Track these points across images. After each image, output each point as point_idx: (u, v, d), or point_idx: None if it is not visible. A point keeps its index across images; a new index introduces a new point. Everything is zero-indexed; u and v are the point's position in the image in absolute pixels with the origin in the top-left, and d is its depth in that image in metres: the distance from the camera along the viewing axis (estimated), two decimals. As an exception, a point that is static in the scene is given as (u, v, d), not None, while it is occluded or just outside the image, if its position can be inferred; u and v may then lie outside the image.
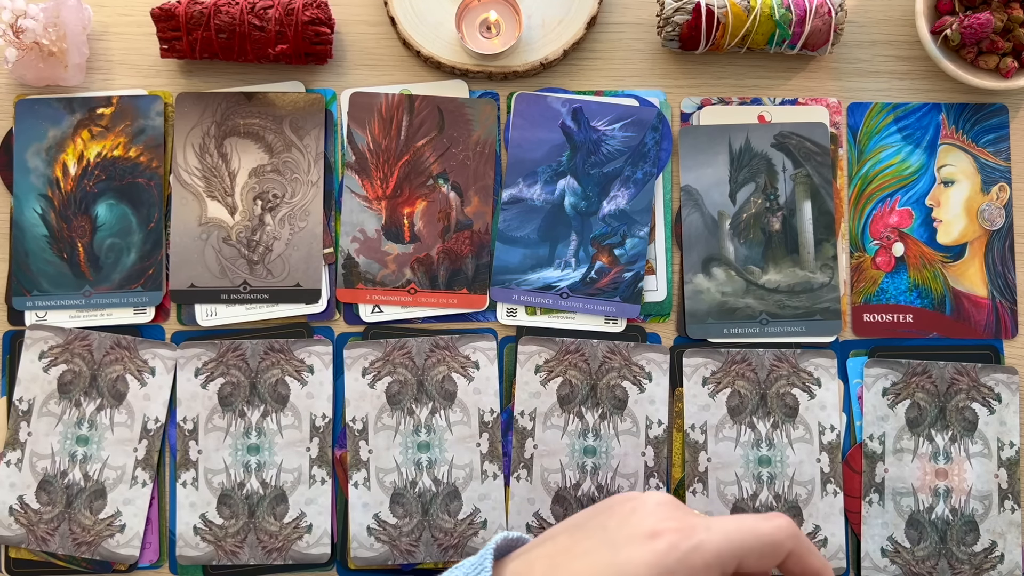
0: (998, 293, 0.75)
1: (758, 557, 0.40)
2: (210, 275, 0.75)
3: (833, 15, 0.73)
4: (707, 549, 0.39)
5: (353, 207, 0.76)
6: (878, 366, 0.73)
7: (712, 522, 0.40)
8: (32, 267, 0.75)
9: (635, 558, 0.39)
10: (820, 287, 0.75)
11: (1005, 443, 0.73)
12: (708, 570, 0.39)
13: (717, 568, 0.39)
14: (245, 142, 0.76)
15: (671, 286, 0.75)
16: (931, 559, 0.72)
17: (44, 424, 0.73)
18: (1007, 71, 0.73)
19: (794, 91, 0.77)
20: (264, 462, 0.73)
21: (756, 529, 0.40)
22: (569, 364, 0.74)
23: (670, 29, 0.73)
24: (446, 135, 0.76)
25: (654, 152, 0.76)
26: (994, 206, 0.76)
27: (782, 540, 0.40)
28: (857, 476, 0.73)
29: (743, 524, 0.40)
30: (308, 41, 0.74)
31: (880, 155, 0.76)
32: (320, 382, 0.74)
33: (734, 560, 0.39)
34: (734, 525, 0.40)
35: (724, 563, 0.39)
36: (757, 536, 0.40)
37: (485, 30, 0.77)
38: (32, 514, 0.72)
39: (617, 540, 0.40)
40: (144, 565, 0.73)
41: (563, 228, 0.75)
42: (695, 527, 0.40)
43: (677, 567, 0.38)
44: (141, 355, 0.74)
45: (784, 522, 0.41)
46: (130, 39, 0.78)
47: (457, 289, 0.75)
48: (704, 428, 0.73)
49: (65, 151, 0.76)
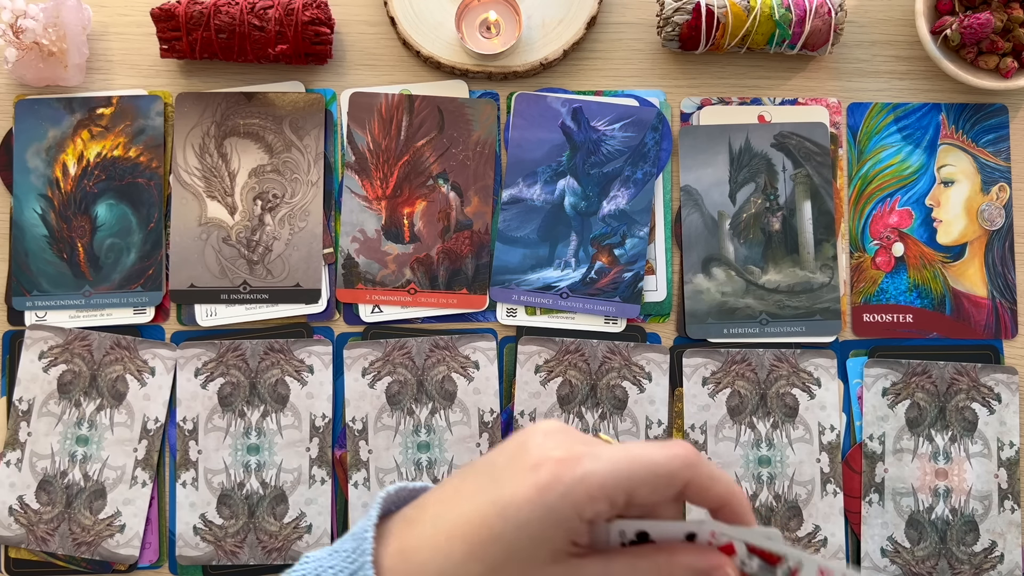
0: (998, 293, 0.75)
1: (651, 488, 0.36)
2: (210, 275, 0.75)
3: (833, 15, 0.73)
4: (592, 480, 0.35)
5: (353, 207, 0.76)
6: (878, 366, 0.73)
7: (602, 450, 0.37)
8: (32, 267, 0.75)
9: (518, 493, 0.36)
10: (820, 287, 0.75)
11: (1005, 443, 0.73)
12: (593, 502, 0.35)
13: (604, 500, 0.36)
14: (245, 142, 0.76)
15: (671, 286, 0.75)
16: (931, 559, 0.72)
17: (44, 424, 0.73)
18: (1007, 71, 0.73)
19: (794, 91, 0.77)
20: (264, 462, 0.73)
21: (647, 458, 0.36)
22: (569, 364, 0.74)
23: (670, 29, 0.73)
24: (446, 135, 0.76)
25: (654, 152, 0.76)
26: (994, 206, 0.76)
27: (676, 470, 0.37)
28: (857, 476, 0.73)
29: (633, 452, 0.37)
30: (308, 41, 0.74)
31: (880, 155, 0.76)
32: (320, 382, 0.74)
33: (622, 492, 0.36)
34: (623, 454, 0.36)
35: (611, 495, 0.36)
36: (648, 466, 0.36)
37: (485, 30, 0.77)
38: (32, 514, 0.72)
39: (502, 476, 0.37)
40: (144, 565, 0.73)
41: (563, 228, 0.75)
42: (581, 456, 0.36)
43: (559, 502, 0.35)
44: (141, 355, 0.74)
45: (680, 450, 0.37)
46: (130, 39, 0.78)
47: (457, 289, 0.75)
48: (704, 428, 0.73)
49: (65, 151, 0.76)
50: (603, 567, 0.37)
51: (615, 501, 0.36)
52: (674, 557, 0.37)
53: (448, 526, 0.37)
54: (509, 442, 0.39)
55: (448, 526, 0.37)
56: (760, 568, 0.37)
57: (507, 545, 0.36)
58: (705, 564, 0.37)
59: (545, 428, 0.39)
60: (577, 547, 0.37)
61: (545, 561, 0.36)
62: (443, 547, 0.37)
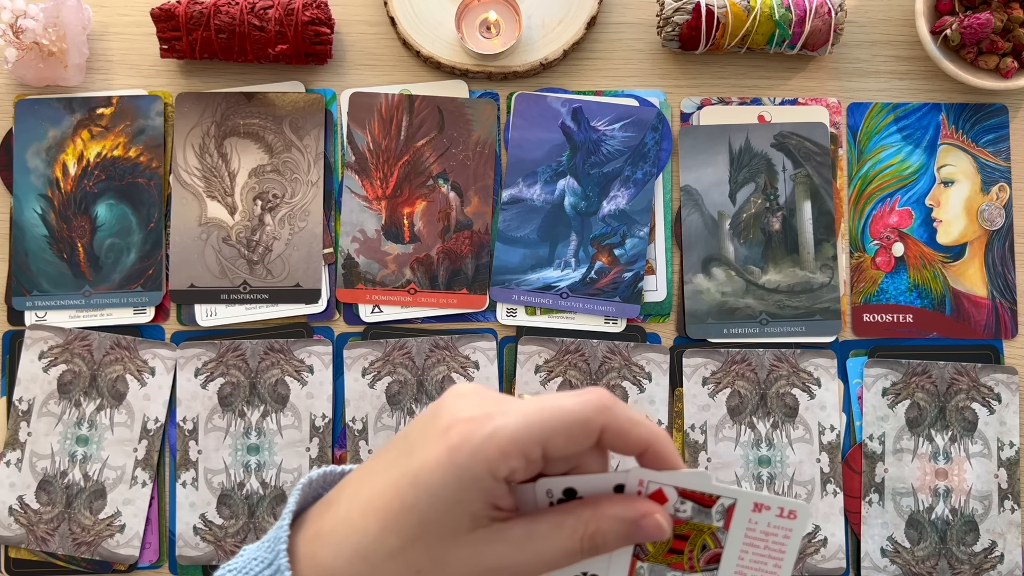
0: (998, 293, 0.75)
1: (565, 438, 0.35)
2: (210, 275, 0.75)
3: (833, 15, 0.73)
4: (502, 435, 0.34)
5: (353, 207, 0.76)
6: (878, 366, 0.73)
7: (512, 405, 0.35)
8: (32, 267, 0.75)
9: (429, 459, 0.34)
10: (820, 287, 0.75)
11: (1005, 443, 0.73)
12: (506, 458, 0.34)
13: (517, 455, 0.34)
14: (245, 142, 0.76)
15: (671, 286, 0.75)
16: (931, 559, 0.72)
17: (44, 424, 0.73)
18: (1007, 71, 0.73)
19: (794, 91, 0.77)
20: (264, 462, 0.73)
21: (559, 407, 0.35)
22: (569, 364, 0.74)
23: (670, 29, 0.73)
24: (446, 135, 0.76)
25: (654, 152, 0.76)
26: (994, 206, 0.76)
27: (589, 415, 0.35)
28: (857, 476, 0.73)
29: (545, 403, 0.35)
30: (308, 41, 0.74)
31: (880, 155, 0.76)
32: (320, 382, 0.74)
33: (536, 444, 0.34)
34: (535, 406, 0.35)
35: (524, 449, 0.34)
36: (560, 415, 0.35)
37: (485, 30, 0.77)
38: (32, 514, 0.72)
39: (414, 445, 0.36)
40: (144, 565, 0.73)
41: (563, 228, 0.75)
42: (491, 414, 0.35)
43: (470, 461, 0.34)
44: (141, 355, 0.74)
45: (594, 396, 0.36)
46: (130, 39, 0.78)
47: (457, 289, 0.75)
48: (704, 428, 0.73)
49: (65, 151, 0.76)
50: (527, 529, 0.36)
51: (530, 455, 0.35)
52: (600, 510, 0.36)
53: (362, 502, 0.36)
54: (423, 413, 0.38)
55: (362, 502, 0.36)
56: (695, 511, 0.36)
57: (421, 514, 0.34)
58: (633, 514, 0.36)
59: (457, 391, 0.37)
60: (500, 511, 0.36)
61: (465, 528, 0.35)
62: (358, 524, 0.36)
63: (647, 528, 0.36)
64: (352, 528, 0.36)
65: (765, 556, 0.36)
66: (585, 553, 0.36)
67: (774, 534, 0.36)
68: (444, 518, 0.35)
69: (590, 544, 0.36)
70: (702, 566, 0.37)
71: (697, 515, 0.36)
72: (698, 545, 0.37)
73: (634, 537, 0.36)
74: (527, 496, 0.36)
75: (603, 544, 0.36)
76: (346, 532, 0.36)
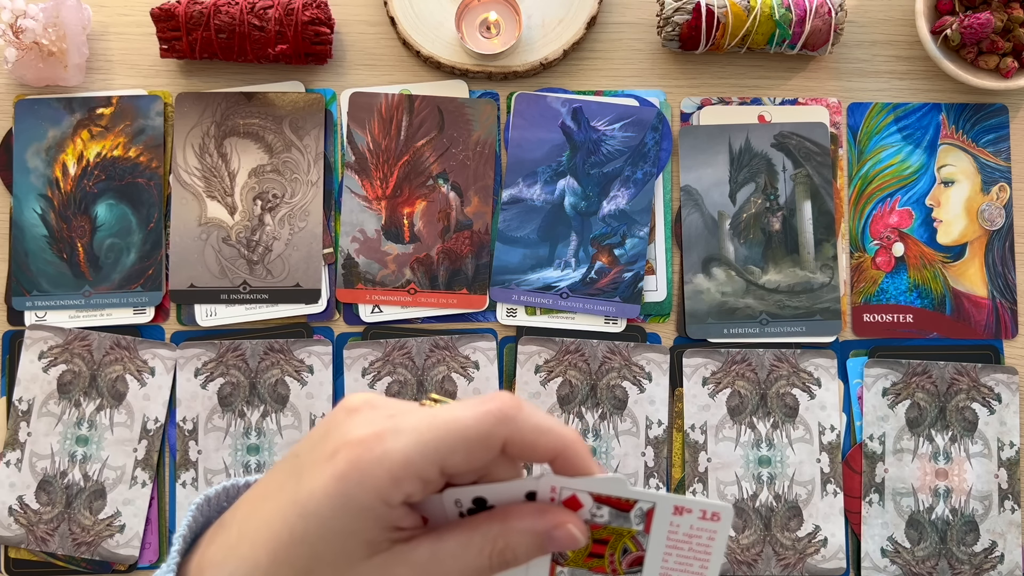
0: (998, 293, 0.75)
1: (464, 455, 0.32)
2: (210, 275, 0.75)
3: (833, 15, 0.73)
4: (392, 459, 0.31)
5: (353, 207, 0.76)
6: (878, 366, 0.73)
7: (405, 420, 0.32)
8: (32, 267, 0.75)
9: (316, 487, 0.32)
10: (820, 287, 0.75)
11: (1005, 443, 0.73)
12: (397, 484, 0.31)
13: (411, 479, 0.31)
14: (245, 142, 0.76)
15: (671, 286, 0.75)
16: (931, 559, 0.72)
17: (44, 424, 0.73)
18: (1007, 71, 0.73)
19: (794, 91, 0.77)
20: (264, 462, 0.73)
21: (454, 422, 0.32)
22: (569, 364, 0.74)
23: (670, 29, 0.73)
24: (446, 135, 0.76)
25: (654, 152, 0.76)
26: (994, 206, 0.76)
27: (488, 430, 0.32)
28: (857, 476, 0.73)
29: (439, 418, 0.32)
30: (308, 41, 0.74)
31: (880, 155, 0.76)
32: (320, 382, 0.74)
33: (431, 465, 0.32)
34: (427, 422, 0.32)
35: (419, 471, 0.31)
36: (455, 432, 0.32)
37: (485, 30, 0.77)
38: (32, 514, 0.72)
39: (304, 467, 0.33)
40: (144, 565, 0.73)
41: (563, 228, 0.75)
42: (381, 434, 0.32)
43: (358, 490, 0.31)
44: (141, 355, 0.74)
45: (494, 406, 0.33)
46: (130, 39, 0.78)
47: (457, 289, 0.75)
48: (704, 428, 0.73)
49: (65, 151, 0.76)
50: (432, 549, 0.33)
51: (427, 477, 0.32)
52: (509, 524, 0.34)
53: (251, 530, 0.33)
54: (315, 428, 0.35)
55: (251, 530, 0.33)
56: (612, 516, 0.35)
57: (312, 547, 0.32)
58: (544, 525, 0.34)
59: (349, 404, 0.34)
60: (402, 531, 0.33)
61: (361, 556, 0.32)
62: (248, 555, 0.33)
63: (559, 539, 0.34)
64: (242, 560, 0.33)
65: (690, 558, 0.35)
66: (496, 568, 0.34)
67: (698, 536, 0.34)
68: (337, 549, 0.32)
69: (500, 560, 0.34)
70: (624, 569, 0.36)
71: (615, 519, 0.35)
72: (619, 549, 0.35)
73: (546, 548, 0.34)
74: (435, 507, 0.34)
75: (514, 559, 0.34)
76: (236, 564, 0.33)
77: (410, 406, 0.34)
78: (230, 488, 0.38)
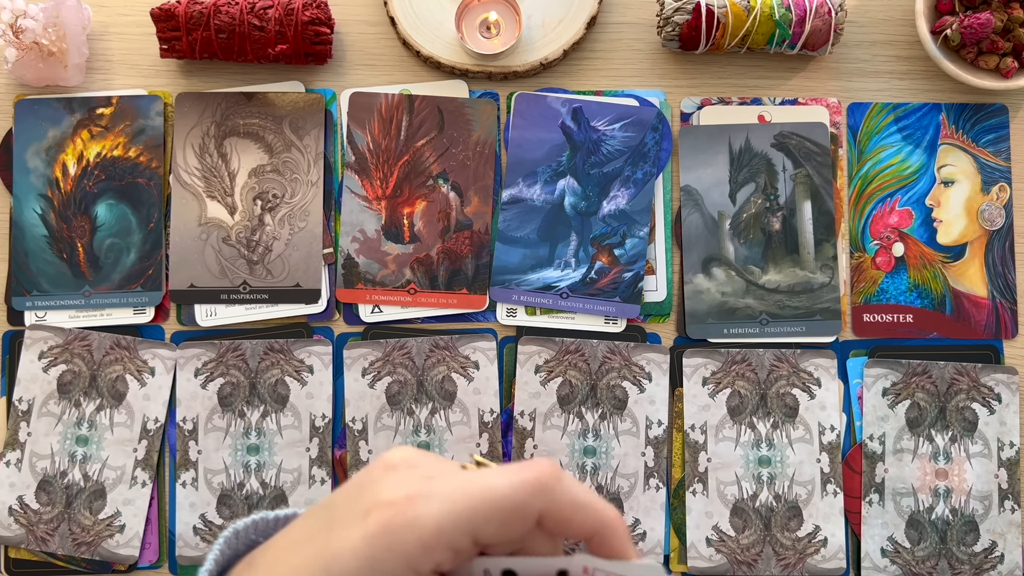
0: (998, 293, 0.75)
1: (498, 526, 0.31)
2: (210, 275, 0.75)
3: (833, 15, 0.73)
4: (424, 525, 0.30)
5: (353, 207, 0.76)
6: (878, 366, 0.73)
7: (438, 486, 0.32)
8: (32, 267, 0.75)
9: (344, 546, 0.31)
10: (820, 287, 0.75)
11: (1005, 443, 0.73)
12: (428, 552, 0.30)
13: (442, 549, 0.31)
14: (245, 142, 0.76)
15: (671, 286, 0.75)
16: (931, 559, 0.72)
17: (44, 424, 0.73)
18: (1007, 71, 0.73)
19: (794, 91, 0.77)
20: (264, 462, 0.73)
21: (490, 491, 0.31)
22: (569, 364, 0.74)
23: (670, 29, 0.73)
24: (446, 135, 0.76)
25: (654, 152, 0.76)
26: (994, 206, 0.76)
27: (524, 501, 0.31)
28: (857, 476, 0.73)
29: (474, 486, 0.31)
30: (308, 41, 0.74)
31: (880, 155, 0.76)
32: (320, 382, 0.74)
33: (463, 535, 0.31)
34: (462, 490, 0.31)
35: (450, 540, 0.31)
36: (490, 500, 0.31)
37: (485, 30, 0.77)
38: (32, 514, 0.72)
39: (336, 521, 0.32)
40: (144, 565, 0.73)
41: (563, 228, 0.75)
42: (414, 498, 0.31)
43: (387, 554, 0.30)
44: (141, 355, 0.74)
45: (531, 474, 0.31)
46: (130, 39, 0.78)
47: (457, 289, 0.75)
48: (704, 428, 0.73)
49: (65, 151, 0.76)
50: None
51: (458, 547, 0.31)
52: None
53: None
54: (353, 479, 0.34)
55: None
56: None
57: None
58: None
59: (389, 461, 0.33)
60: None
61: None
62: None
63: None
64: None
65: None
66: None
67: None
68: None
69: None
70: None
71: None
72: None
73: None
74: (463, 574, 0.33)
75: None
76: None
77: (449, 468, 0.34)
78: (259, 521, 0.38)
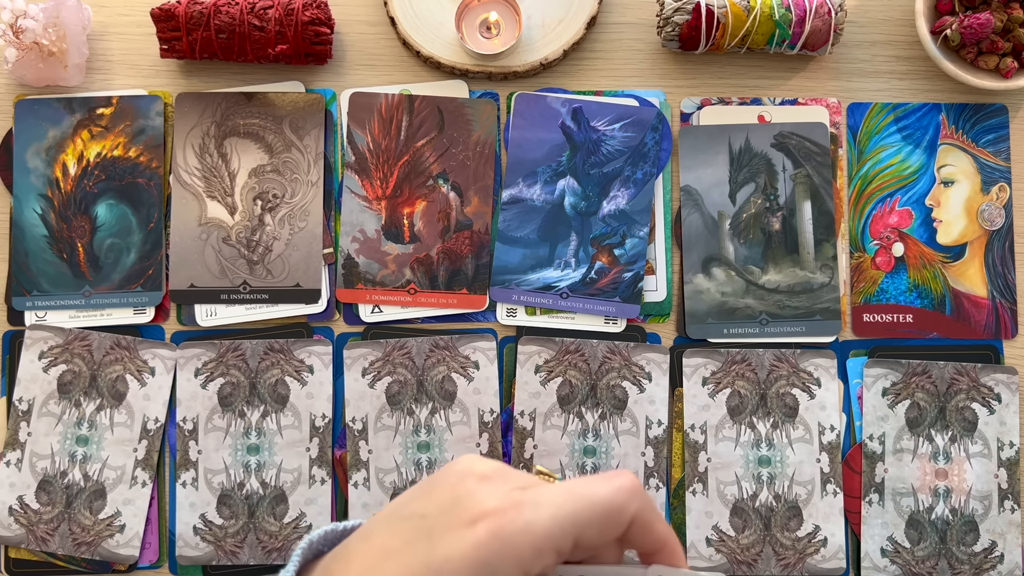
0: (998, 293, 0.75)
1: (599, 528, 0.33)
2: (210, 275, 0.75)
3: (833, 15, 0.73)
4: (535, 530, 0.32)
5: (353, 207, 0.76)
6: (878, 366, 0.73)
7: (542, 494, 0.34)
8: (32, 267, 0.75)
9: (453, 553, 0.32)
10: (820, 287, 0.75)
11: (1005, 443, 0.73)
12: (539, 555, 0.32)
13: (550, 551, 0.32)
14: (245, 142, 0.76)
15: (671, 286, 0.75)
16: (931, 559, 0.72)
17: (44, 424, 0.73)
18: (1007, 71, 0.73)
19: (794, 91, 0.77)
20: (264, 462, 0.73)
21: (592, 495, 0.33)
22: (569, 364, 0.74)
23: (670, 29, 0.73)
24: (446, 135, 0.76)
25: (654, 152, 0.76)
26: (994, 206, 0.76)
27: (623, 503, 0.33)
28: (857, 476, 0.73)
29: (576, 491, 0.33)
30: (308, 41, 0.74)
31: (880, 155, 0.76)
32: (320, 382, 0.74)
33: (568, 537, 0.33)
34: (566, 495, 0.33)
35: (557, 543, 0.32)
36: (594, 504, 0.33)
37: (485, 30, 0.77)
38: (32, 514, 0.72)
39: (435, 531, 0.33)
40: (144, 565, 0.73)
41: (563, 228, 0.75)
42: (521, 505, 0.33)
43: (499, 560, 0.32)
44: (141, 355, 0.74)
45: (626, 481, 0.34)
46: (130, 39, 0.78)
47: (457, 289, 0.75)
48: (704, 428, 0.73)
49: (65, 151, 0.76)
50: None
51: (562, 549, 0.33)
52: None
53: None
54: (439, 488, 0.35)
55: None
56: None
57: None
58: None
59: (479, 472, 0.35)
60: None
61: None
62: None
63: None
64: None
65: None
66: None
67: None
68: None
69: None
70: None
71: None
72: None
73: None
74: None
75: None
76: None
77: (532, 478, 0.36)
78: (329, 532, 0.38)
